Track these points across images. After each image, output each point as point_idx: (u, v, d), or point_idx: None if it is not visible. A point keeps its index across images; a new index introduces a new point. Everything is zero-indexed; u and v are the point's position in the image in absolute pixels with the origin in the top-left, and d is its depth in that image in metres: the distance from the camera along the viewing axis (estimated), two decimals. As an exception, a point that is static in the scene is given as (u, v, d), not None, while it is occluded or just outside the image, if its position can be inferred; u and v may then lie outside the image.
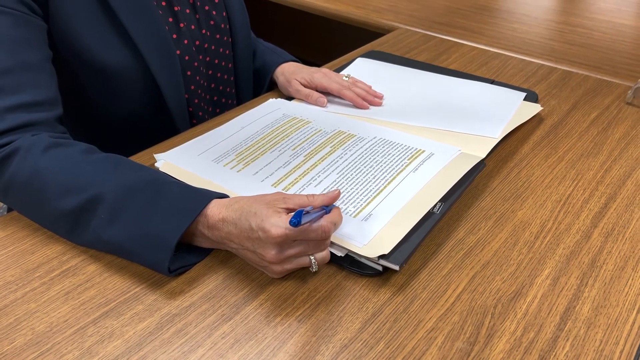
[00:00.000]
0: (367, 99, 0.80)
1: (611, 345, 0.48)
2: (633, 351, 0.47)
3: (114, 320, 0.49)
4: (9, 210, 0.75)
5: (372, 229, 0.55)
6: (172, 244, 0.51)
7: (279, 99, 0.82)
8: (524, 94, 0.84)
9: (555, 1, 1.32)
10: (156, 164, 0.66)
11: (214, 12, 0.78)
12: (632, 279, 0.54)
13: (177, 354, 0.46)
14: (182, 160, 0.66)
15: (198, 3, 0.76)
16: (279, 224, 0.48)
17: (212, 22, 0.78)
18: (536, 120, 0.81)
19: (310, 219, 0.47)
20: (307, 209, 0.47)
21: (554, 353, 0.47)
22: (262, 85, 0.87)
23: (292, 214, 0.47)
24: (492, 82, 0.89)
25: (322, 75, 0.82)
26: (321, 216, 0.49)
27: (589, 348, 0.47)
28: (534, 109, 0.80)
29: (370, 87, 0.83)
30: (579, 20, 1.18)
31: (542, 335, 0.48)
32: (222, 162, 0.66)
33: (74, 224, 0.55)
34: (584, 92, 0.90)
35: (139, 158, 0.69)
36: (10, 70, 0.59)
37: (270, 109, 0.78)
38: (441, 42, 1.06)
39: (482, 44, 1.05)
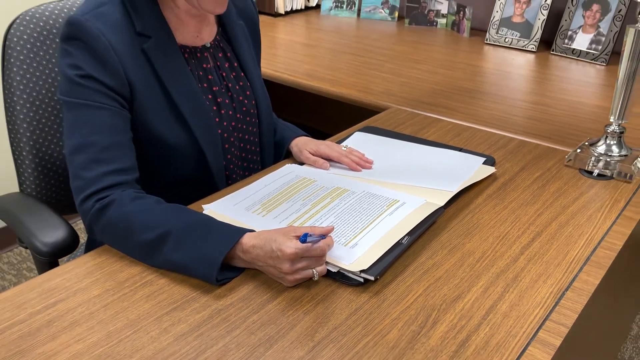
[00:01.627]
0: (360, 164, 1.05)
1: (517, 329, 0.69)
2: (532, 332, 0.69)
3: (180, 313, 0.72)
4: (87, 249, 1.00)
5: (357, 253, 0.79)
6: (219, 263, 0.75)
7: (293, 165, 1.08)
8: (483, 159, 1.09)
9: (525, 83, 1.58)
10: (204, 212, 0.91)
11: (246, 101, 1.06)
12: (541, 288, 0.76)
13: (222, 332, 0.69)
14: (222, 209, 0.91)
15: (235, 95, 1.04)
16: (291, 246, 0.72)
17: (244, 109, 1.06)
18: (492, 178, 1.05)
19: (312, 240, 0.71)
20: (310, 233, 0.72)
21: (477, 333, 0.69)
22: (281, 154, 1.13)
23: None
24: (460, 149, 1.14)
25: (325, 146, 1.08)
26: (319, 241, 0.73)
27: (502, 330, 0.69)
28: (489, 170, 1.05)
29: (363, 154, 1.09)
30: (541, 99, 1.44)
31: (471, 322, 0.70)
32: (251, 210, 0.90)
33: (150, 251, 0.80)
34: (533, 157, 1.14)
35: (191, 207, 0.94)
36: (109, 148, 0.86)
37: (286, 172, 1.03)
38: (424, 118, 1.32)
39: (457, 119, 1.31)
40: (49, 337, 0.68)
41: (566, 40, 1.77)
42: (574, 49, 1.76)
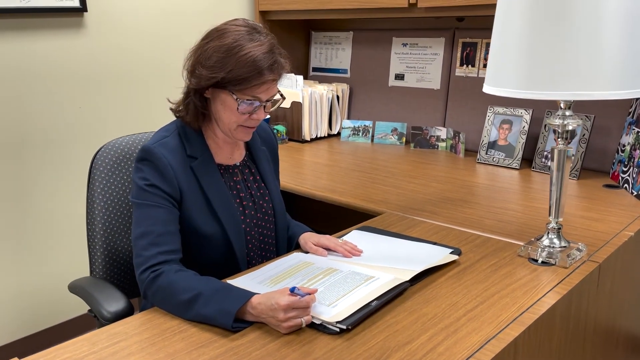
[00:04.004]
0: (351, 252, 1.35)
1: (447, 362, 0.94)
2: (458, 364, 0.94)
3: (205, 349, 1.01)
4: (141, 309, 1.30)
5: (336, 310, 1.06)
6: (233, 315, 1.04)
7: (300, 253, 1.38)
8: (451, 250, 1.37)
9: (502, 194, 1.88)
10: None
11: (265, 205, 1.40)
12: (473, 337, 1.01)
13: (236, 359, 0.97)
14: (241, 283, 1.21)
15: (256, 200, 1.39)
16: (284, 299, 1.01)
17: (263, 210, 1.40)
18: (455, 264, 1.32)
19: (299, 293, 1.01)
20: (298, 288, 1.01)
21: (417, 364, 0.94)
22: (291, 246, 1.45)
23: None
24: (434, 243, 1.43)
25: (326, 239, 1.39)
26: (305, 295, 1.02)
27: (435, 363, 0.94)
28: (452, 257, 1.32)
29: (355, 246, 1.39)
30: (511, 206, 1.73)
31: (414, 358, 0.96)
32: (263, 283, 1.20)
33: (186, 307, 1.10)
34: (494, 249, 1.41)
35: (218, 283, 1.25)
36: (162, 235, 1.20)
37: (292, 257, 1.34)
38: (412, 220, 1.63)
39: (438, 221, 1.61)
40: (113, 361, 0.98)
41: (543, 159, 2.09)
42: (549, 166, 2.06)
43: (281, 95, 1.30)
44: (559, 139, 1.31)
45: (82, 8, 2.24)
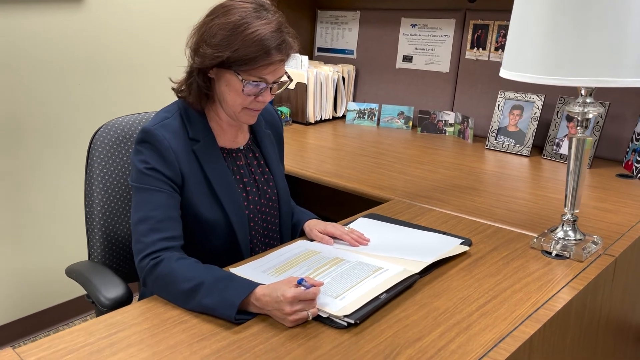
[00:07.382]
0: (358, 241, 1.30)
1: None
2: (471, 363, 0.90)
3: (206, 342, 0.96)
4: (140, 298, 1.26)
5: (343, 303, 1.02)
6: (237, 306, 1.00)
7: (305, 241, 1.34)
8: (461, 240, 1.32)
9: (512, 182, 1.83)
10: (231, 273, 1.17)
11: (269, 190, 1.35)
12: (486, 334, 0.97)
13: (235, 355, 0.92)
14: (244, 272, 1.17)
15: (260, 186, 1.33)
16: (290, 290, 0.97)
17: (267, 196, 1.35)
18: (466, 255, 1.28)
19: (305, 285, 0.96)
20: (305, 279, 0.97)
21: (428, 362, 0.90)
22: (296, 233, 1.40)
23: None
24: (443, 232, 1.38)
25: (332, 226, 1.34)
26: (311, 287, 0.98)
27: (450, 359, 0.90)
28: (463, 249, 1.28)
29: (362, 234, 1.34)
30: (522, 194, 1.68)
31: (425, 356, 0.92)
32: (267, 273, 1.16)
33: (187, 297, 1.05)
34: (505, 240, 1.36)
35: (221, 271, 1.20)
36: (163, 220, 1.15)
37: (297, 246, 1.29)
38: (420, 208, 1.58)
39: (447, 210, 1.56)
40: (110, 354, 0.93)
41: (554, 147, 2.04)
42: (561, 154, 2.01)
43: (288, 77, 1.24)
44: (578, 127, 1.25)
45: (81, -19, 2.16)
